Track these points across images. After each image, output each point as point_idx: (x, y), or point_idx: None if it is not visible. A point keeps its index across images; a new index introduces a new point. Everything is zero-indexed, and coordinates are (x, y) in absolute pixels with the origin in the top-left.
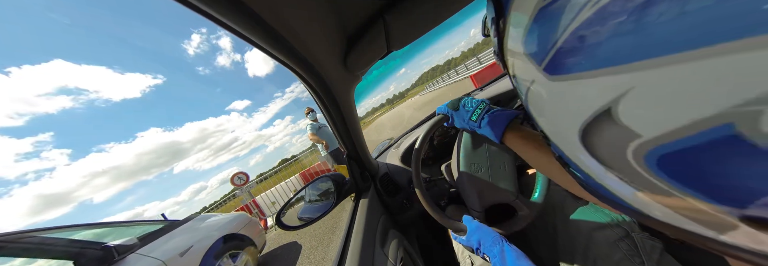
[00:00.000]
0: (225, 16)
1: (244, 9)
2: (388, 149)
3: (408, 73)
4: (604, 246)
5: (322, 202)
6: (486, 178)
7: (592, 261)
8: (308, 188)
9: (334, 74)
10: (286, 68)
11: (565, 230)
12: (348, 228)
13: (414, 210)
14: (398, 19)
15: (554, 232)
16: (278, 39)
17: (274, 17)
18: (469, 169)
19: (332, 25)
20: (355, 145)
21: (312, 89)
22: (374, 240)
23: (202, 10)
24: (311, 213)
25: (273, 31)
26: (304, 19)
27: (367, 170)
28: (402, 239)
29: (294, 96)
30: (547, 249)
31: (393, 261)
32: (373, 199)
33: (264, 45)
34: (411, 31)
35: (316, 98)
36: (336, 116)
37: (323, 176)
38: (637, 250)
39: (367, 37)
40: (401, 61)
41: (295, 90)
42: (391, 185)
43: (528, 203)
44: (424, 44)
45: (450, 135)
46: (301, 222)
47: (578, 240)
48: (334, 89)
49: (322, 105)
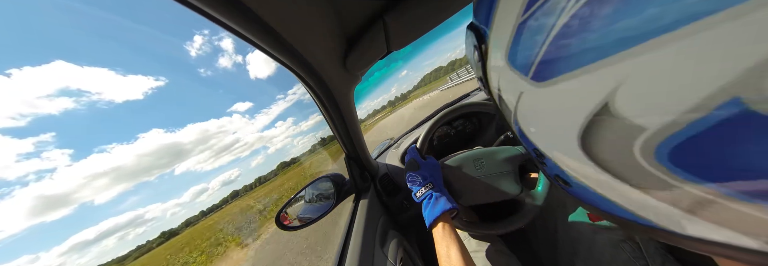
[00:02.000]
0: (225, 17)
1: (244, 9)
2: (388, 150)
3: (410, 74)
4: (608, 248)
5: (322, 202)
6: (486, 176)
7: (595, 263)
8: (308, 188)
9: (334, 75)
10: (286, 68)
11: (566, 231)
12: (348, 228)
13: (414, 210)
14: (398, 19)
15: (555, 232)
16: (277, 39)
17: (273, 17)
18: (471, 166)
19: (332, 26)
20: (354, 145)
21: (311, 90)
22: (374, 240)
23: (202, 10)
24: (311, 213)
25: (272, 31)
26: (303, 20)
27: (366, 171)
28: (402, 239)
29: (296, 98)
30: (547, 250)
31: (393, 261)
32: (373, 199)
33: (263, 45)
34: (411, 32)
35: (316, 98)
36: (335, 117)
37: (323, 177)
38: (641, 252)
39: (367, 37)
40: (403, 63)
41: (297, 92)
42: (391, 185)
43: (534, 193)
44: (426, 45)
45: (450, 135)
46: (301, 223)
47: (580, 242)
48: (333, 90)
49: (322, 105)
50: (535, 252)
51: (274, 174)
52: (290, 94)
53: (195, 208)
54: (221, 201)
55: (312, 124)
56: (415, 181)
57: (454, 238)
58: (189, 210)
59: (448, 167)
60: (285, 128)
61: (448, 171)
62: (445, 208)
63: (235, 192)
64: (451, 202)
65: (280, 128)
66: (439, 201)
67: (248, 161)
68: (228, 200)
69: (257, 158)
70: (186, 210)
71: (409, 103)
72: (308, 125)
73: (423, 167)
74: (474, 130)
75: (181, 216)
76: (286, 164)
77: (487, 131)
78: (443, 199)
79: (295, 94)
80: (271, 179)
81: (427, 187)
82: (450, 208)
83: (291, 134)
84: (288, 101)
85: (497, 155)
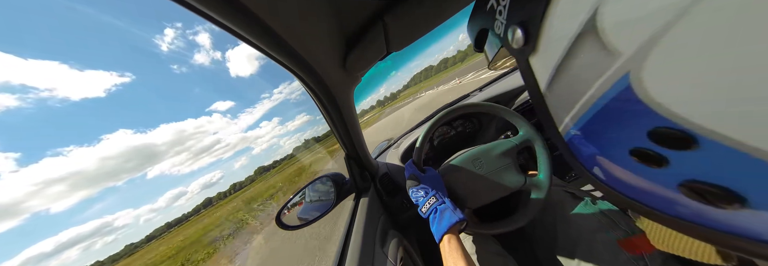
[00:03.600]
0: (224, 17)
1: (243, 9)
2: (388, 150)
3: (398, 75)
4: (608, 248)
5: (322, 202)
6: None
7: (594, 263)
8: (308, 188)
9: (334, 75)
10: (285, 68)
11: (565, 230)
12: (348, 228)
13: (414, 210)
14: (397, 20)
15: (554, 231)
16: (277, 40)
17: (273, 18)
18: (472, 167)
19: (331, 27)
20: (354, 145)
21: (311, 90)
22: (374, 240)
23: (200, 10)
24: (311, 212)
25: (272, 31)
26: (303, 20)
27: (366, 171)
28: (402, 239)
29: (283, 97)
30: (546, 249)
31: (393, 261)
32: (373, 199)
33: (263, 46)
34: (410, 33)
35: (316, 98)
36: (335, 117)
37: (323, 176)
38: (642, 253)
39: (367, 38)
40: (393, 64)
41: (284, 91)
42: (391, 185)
43: (537, 181)
44: (414, 46)
45: (450, 135)
46: (301, 222)
47: (580, 241)
48: (333, 90)
49: (322, 106)
50: (534, 253)
51: (251, 181)
52: (276, 93)
53: (171, 214)
54: (193, 210)
55: (299, 124)
56: (419, 197)
57: (461, 254)
58: (165, 215)
59: (449, 173)
60: (271, 128)
61: (449, 178)
62: (451, 222)
63: (208, 200)
64: (456, 214)
65: (265, 129)
66: (444, 214)
67: (231, 163)
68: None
69: (241, 159)
70: (162, 215)
71: (400, 102)
72: (295, 126)
73: (423, 181)
74: (474, 130)
75: (156, 222)
76: (264, 170)
77: (487, 131)
78: (448, 212)
79: (281, 93)
80: (247, 185)
81: (431, 201)
82: (457, 221)
83: (277, 134)
84: (274, 100)
85: (493, 151)
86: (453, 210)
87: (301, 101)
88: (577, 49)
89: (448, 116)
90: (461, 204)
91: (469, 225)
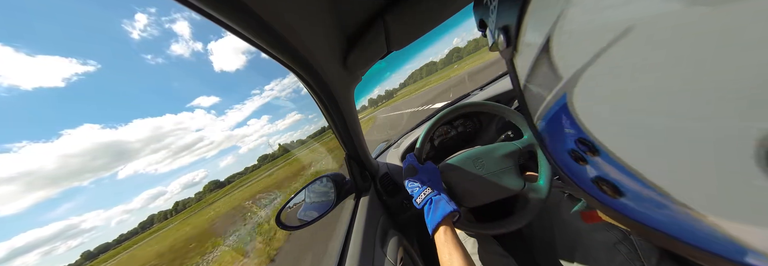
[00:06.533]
0: (224, 15)
1: (243, 8)
2: (388, 149)
3: (391, 76)
4: (604, 249)
5: (322, 202)
6: (488, 174)
7: (592, 264)
8: (308, 188)
9: (334, 74)
10: (285, 67)
11: (563, 231)
12: (348, 227)
13: (414, 209)
14: (398, 19)
15: (552, 233)
16: (277, 38)
17: (273, 16)
18: (472, 166)
19: (332, 25)
20: (354, 145)
21: (311, 89)
22: (374, 239)
23: (200, 8)
24: (311, 212)
25: (272, 30)
26: (303, 19)
27: (367, 170)
28: (402, 239)
29: (274, 94)
30: (544, 250)
31: (393, 261)
32: (373, 199)
33: (263, 44)
34: (411, 31)
35: (316, 97)
36: (336, 116)
37: (323, 176)
38: (637, 253)
39: (367, 37)
40: (387, 65)
41: (275, 88)
42: (391, 185)
43: (536, 187)
44: (410, 47)
45: (450, 135)
46: (301, 222)
47: (577, 243)
48: (333, 89)
49: (322, 105)
50: (532, 254)
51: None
52: (267, 89)
53: (147, 214)
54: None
55: (290, 123)
56: (414, 187)
57: (456, 244)
58: (139, 216)
59: (448, 171)
60: (259, 126)
61: (448, 175)
62: (445, 212)
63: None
64: (451, 205)
65: (253, 127)
66: (438, 205)
67: (216, 162)
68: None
69: (226, 158)
70: (136, 216)
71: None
72: (285, 125)
73: (421, 172)
74: (474, 129)
75: (130, 223)
76: (217, 185)
77: (488, 130)
78: (443, 202)
79: (272, 90)
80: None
81: (426, 192)
82: (451, 211)
83: (266, 133)
84: (265, 97)
85: (495, 152)
86: (448, 201)
87: (296, 98)
88: (541, 61)
89: (450, 115)
90: (457, 202)
91: (465, 223)
